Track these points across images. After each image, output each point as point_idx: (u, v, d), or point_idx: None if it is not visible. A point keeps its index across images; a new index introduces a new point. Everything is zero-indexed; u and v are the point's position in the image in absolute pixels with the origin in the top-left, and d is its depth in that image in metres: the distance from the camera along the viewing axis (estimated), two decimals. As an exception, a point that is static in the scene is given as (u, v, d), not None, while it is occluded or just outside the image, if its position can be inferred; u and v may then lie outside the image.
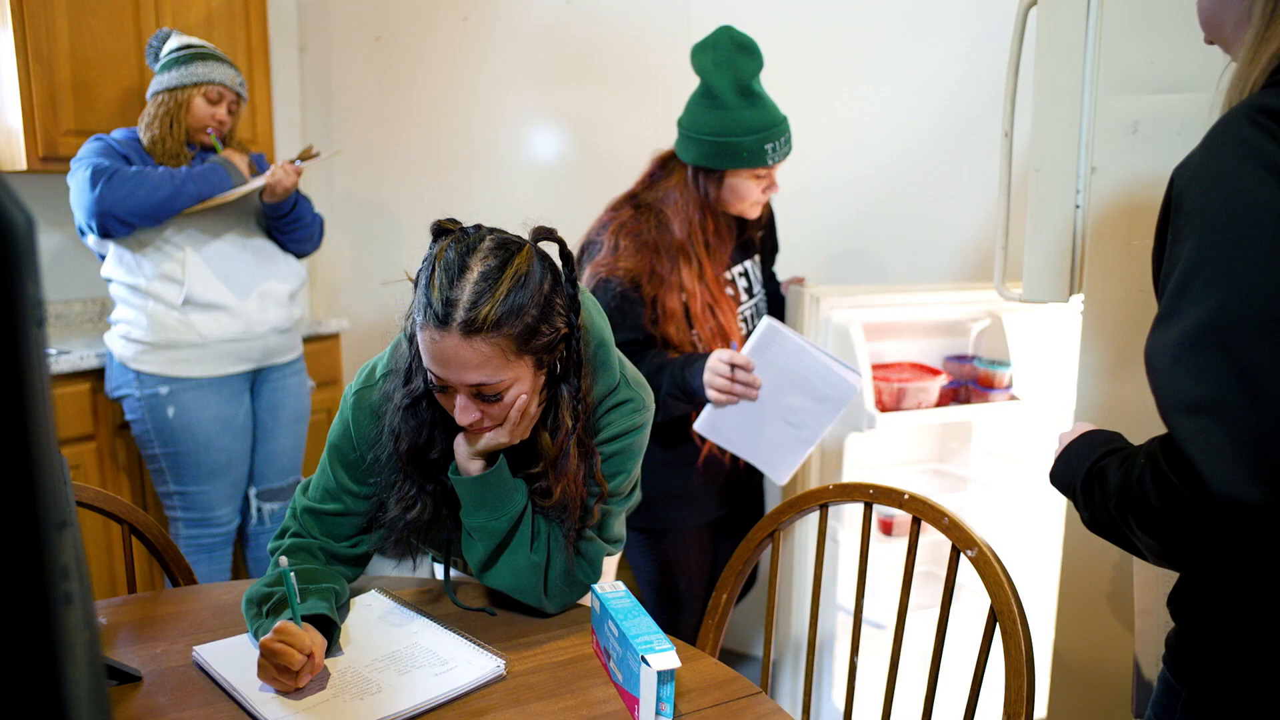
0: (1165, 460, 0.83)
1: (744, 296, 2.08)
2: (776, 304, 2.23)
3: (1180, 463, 0.80)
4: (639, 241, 1.86)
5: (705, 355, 1.80)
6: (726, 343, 1.92)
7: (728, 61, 1.84)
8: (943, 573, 1.31)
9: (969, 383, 2.28)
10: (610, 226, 1.89)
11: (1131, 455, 0.90)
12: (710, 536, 2.16)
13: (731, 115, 1.84)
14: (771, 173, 1.93)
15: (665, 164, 1.99)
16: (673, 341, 1.88)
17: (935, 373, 2.22)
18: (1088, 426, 1.05)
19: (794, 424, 1.80)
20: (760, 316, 2.07)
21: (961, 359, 2.32)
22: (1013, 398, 2.22)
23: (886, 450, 2.46)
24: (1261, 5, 0.89)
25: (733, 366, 1.74)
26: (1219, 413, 0.78)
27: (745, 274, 2.09)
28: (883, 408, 2.13)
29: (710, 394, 1.75)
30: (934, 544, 2.45)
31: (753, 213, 1.99)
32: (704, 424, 1.83)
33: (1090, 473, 0.95)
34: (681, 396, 1.81)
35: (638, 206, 1.93)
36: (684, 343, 1.89)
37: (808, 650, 1.41)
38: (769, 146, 1.86)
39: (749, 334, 2.07)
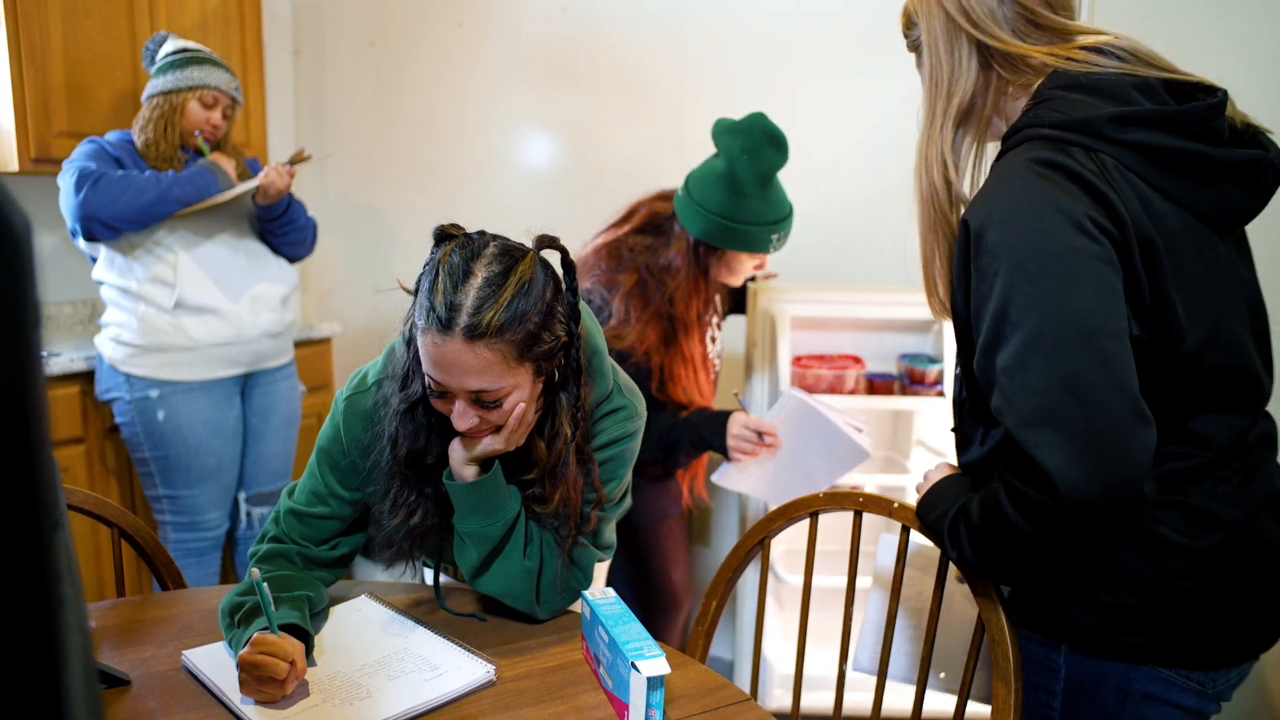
0: (1015, 475, 0.96)
1: (715, 332, 2.16)
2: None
3: (1030, 472, 0.94)
4: (649, 311, 1.89)
5: (720, 414, 1.90)
6: (706, 402, 2.03)
7: (756, 151, 1.87)
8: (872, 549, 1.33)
9: (903, 377, 2.40)
10: (619, 291, 1.90)
11: (988, 489, 1.03)
12: (685, 527, 2.20)
13: (748, 203, 1.86)
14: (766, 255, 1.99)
15: (661, 222, 1.97)
16: (680, 403, 1.96)
17: (858, 364, 2.40)
18: (950, 469, 1.21)
19: (805, 474, 1.91)
20: (719, 359, 2.19)
21: (908, 356, 2.44)
22: (940, 394, 2.31)
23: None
24: (926, 103, 1.12)
25: (759, 434, 1.88)
26: (1054, 420, 0.92)
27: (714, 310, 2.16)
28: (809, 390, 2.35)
29: (735, 456, 1.89)
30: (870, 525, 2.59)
31: (737, 283, 2.06)
32: (722, 477, 1.97)
33: (956, 514, 1.08)
34: (695, 451, 1.94)
35: (638, 270, 1.92)
36: (691, 403, 1.97)
37: (797, 656, 1.42)
38: (774, 236, 1.92)
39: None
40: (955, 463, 1.22)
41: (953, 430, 1.20)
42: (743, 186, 1.85)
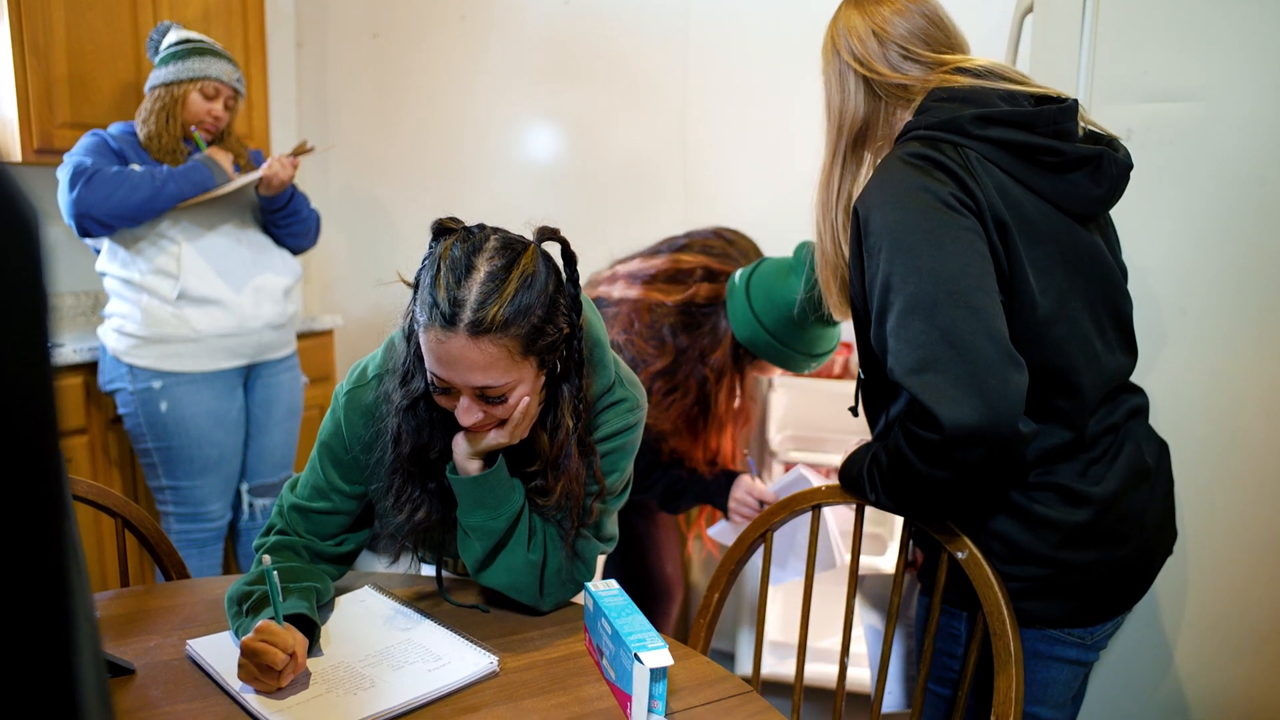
0: (909, 420, 1.09)
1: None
2: None
3: (919, 415, 1.06)
4: (671, 399, 1.87)
5: (727, 474, 1.93)
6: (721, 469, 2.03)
7: None
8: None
9: None
10: (648, 368, 1.85)
11: (890, 437, 1.16)
12: (677, 521, 2.21)
13: (806, 334, 1.84)
14: None
15: (705, 306, 1.90)
16: (689, 466, 1.98)
17: (846, 349, 2.49)
18: (865, 440, 1.35)
19: (779, 558, 1.86)
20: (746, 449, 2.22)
21: None
22: None
23: (828, 415, 2.56)
24: (826, 131, 1.33)
25: (761, 503, 1.90)
26: (935, 367, 1.05)
27: None
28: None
29: (734, 517, 1.93)
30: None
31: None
32: (719, 533, 2.02)
33: (870, 460, 1.23)
34: (696, 503, 1.98)
35: (673, 352, 1.87)
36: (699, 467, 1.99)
37: (798, 652, 1.42)
38: (814, 364, 1.92)
39: None
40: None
41: (850, 409, 1.38)
42: (809, 321, 1.81)
